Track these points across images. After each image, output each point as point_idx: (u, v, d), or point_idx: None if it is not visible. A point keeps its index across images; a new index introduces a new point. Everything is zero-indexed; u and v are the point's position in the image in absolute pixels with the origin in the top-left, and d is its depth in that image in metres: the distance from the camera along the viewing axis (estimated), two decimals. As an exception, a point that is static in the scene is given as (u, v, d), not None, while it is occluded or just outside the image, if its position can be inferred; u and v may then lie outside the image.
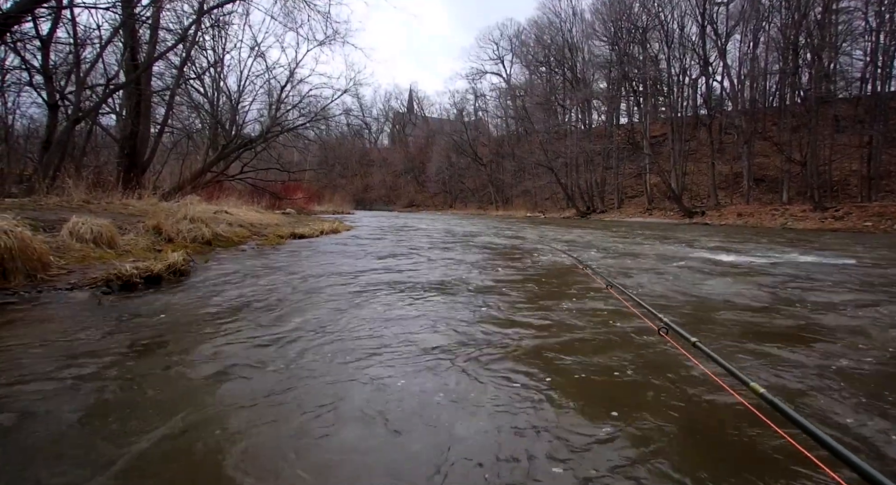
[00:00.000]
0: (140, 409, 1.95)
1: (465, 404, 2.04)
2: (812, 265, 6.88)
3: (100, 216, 6.30)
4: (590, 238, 12.03)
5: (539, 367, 2.54)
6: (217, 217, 9.62)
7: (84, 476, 1.47)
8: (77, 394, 2.08)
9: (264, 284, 4.83)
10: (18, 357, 2.52)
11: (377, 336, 3.06)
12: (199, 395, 2.13)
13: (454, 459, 1.59)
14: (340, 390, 2.18)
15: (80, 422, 1.83)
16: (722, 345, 2.87)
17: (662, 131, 34.57)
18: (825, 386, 2.26)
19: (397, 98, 74.89)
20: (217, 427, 1.81)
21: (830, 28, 23.55)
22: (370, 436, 1.75)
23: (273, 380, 2.30)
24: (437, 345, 2.87)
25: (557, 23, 42.93)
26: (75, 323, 3.21)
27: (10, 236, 4.14)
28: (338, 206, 37.68)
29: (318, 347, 2.80)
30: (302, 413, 1.93)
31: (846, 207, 20.30)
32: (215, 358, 2.59)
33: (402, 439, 1.73)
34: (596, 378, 2.38)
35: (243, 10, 17.32)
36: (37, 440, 1.68)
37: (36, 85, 11.28)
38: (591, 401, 2.11)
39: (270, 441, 1.70)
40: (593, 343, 2.95)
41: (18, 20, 8.73)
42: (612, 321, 3.45)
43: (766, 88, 30.80)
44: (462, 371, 2.44)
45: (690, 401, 2.07)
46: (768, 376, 2.36)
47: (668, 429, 1.82)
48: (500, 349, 2.82)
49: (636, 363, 2.56)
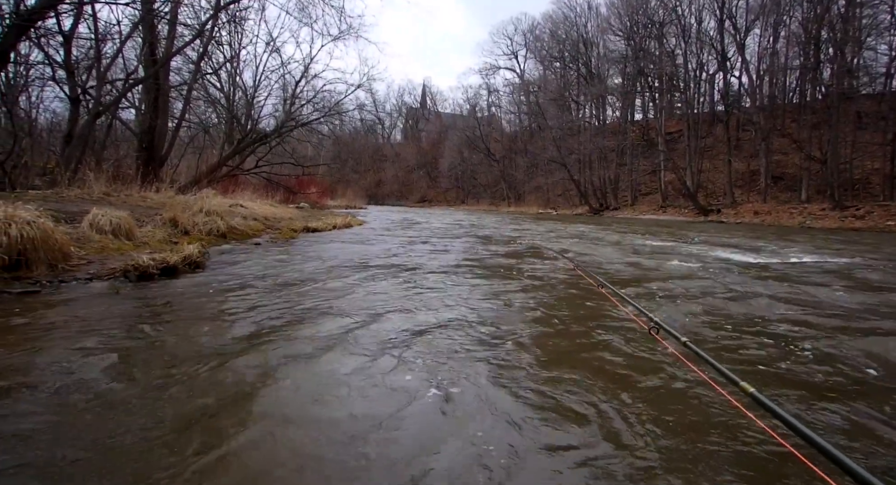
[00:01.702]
0: (185, 383, 2.04)
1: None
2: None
3: (119, 209, 6.46)
4: (601, 235, 11.99)
5: (525, 357, 2.59)
6: (232, 210, 9.78)
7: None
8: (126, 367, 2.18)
9: (277, 275, 4.92)
10: (55, 339, 2.63)
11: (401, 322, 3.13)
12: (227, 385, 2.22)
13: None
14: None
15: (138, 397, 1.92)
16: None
17: (678, 128, 34.12)
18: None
19: (410, 93, 75.12)
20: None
21: (854, 22, 22.96)
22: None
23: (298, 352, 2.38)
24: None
25: (572, 17, 42.68)
26: (95, 312, 3.32)
27: (33, 227, 4.27)
28: (350, 200, 37.89)
29: (344, 333, 2.88)
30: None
31: (867, 206, 19.89)
32: (228, 340, 2.69)
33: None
34: (583, 371, 2.39)
35: (259, 5, 17.58)
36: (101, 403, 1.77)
37: (58, 80, 11.56)
38: (574, 394, 2.12)
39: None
40: (581, 340, 2.95)
41: (42, 16, 8.95)
42: (604, 320, 3.41)
43: (785, 84, 30.18)
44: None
45: (680, 399, 2.05)
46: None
47: (655, 426, 1.81)
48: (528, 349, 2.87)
49: (627, 361, 2.54)
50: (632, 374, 2.37)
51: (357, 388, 2.13)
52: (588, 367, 2.47)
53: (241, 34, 19.33)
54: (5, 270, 3.98)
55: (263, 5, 17.92)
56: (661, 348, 2.41)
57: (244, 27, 18.62)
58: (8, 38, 8.22)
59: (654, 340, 1.89)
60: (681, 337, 1.61)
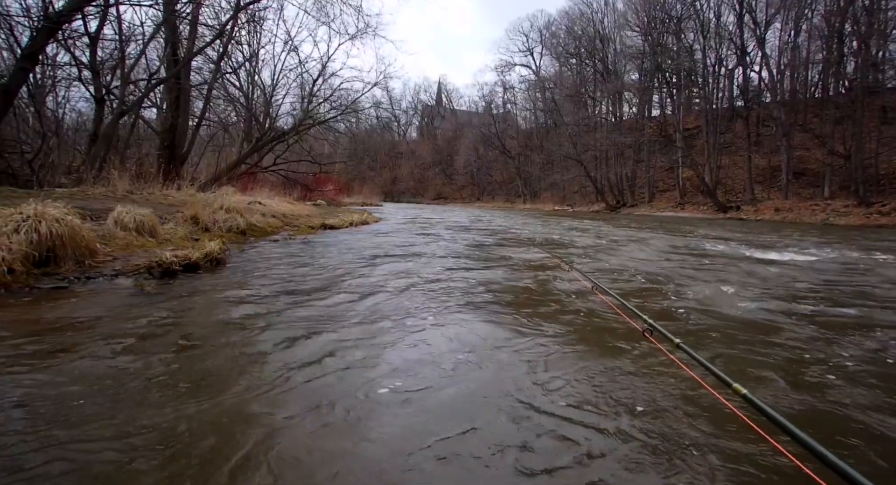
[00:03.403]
0: (208, 376, 2.14)
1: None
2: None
3: (142, 206, 6.63)
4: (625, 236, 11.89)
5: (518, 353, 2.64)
6: (251, 208, 9.96)
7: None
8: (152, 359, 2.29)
9: (296, 272, 5.03)
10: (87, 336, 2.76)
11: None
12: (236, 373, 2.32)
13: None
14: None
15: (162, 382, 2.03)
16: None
17: (696, 124, 33.59)
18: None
19: (426, 91, 75.21)
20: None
21: (879, 14, 22.36)
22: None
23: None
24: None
25: (589, 13, 42.24)
26: (122, 308, 3.46)
27: (61, 224, 4.43)
28: (367, 198, 38.12)
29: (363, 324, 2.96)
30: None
31: (894, 202, 19.41)
32: (252, 334, 2.79)
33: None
34: (575, 372, 2.41)
35: (278, 5, 17.77)
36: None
37: (84, 80, 11.86)
38: (564, 396, 2.14)
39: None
40: (576, 340, 2.95)
41: (70, 18, 9.21)
42: (598, 322, 3.38)
43: (807, 79, 29.49)
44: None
45: (672, 400, 2.05)
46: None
47: (647, 427, 1.82)
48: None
49: (621, 362, 2.54)
50: (625, 374, 2.37)
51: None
52: (581, 367, 2.48)
53: (259, 34, 19.60)
54: (35, 265, 4.15)
55: (282, 5, 18.12)
56: (655, 350, 2.40)
57: (263, 27, 18.87)
58: (37, 40, 8.48)
59: (648, 341, 1.88)
60: (674, 339, 1.60)
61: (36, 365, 2.28)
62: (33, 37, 8.54)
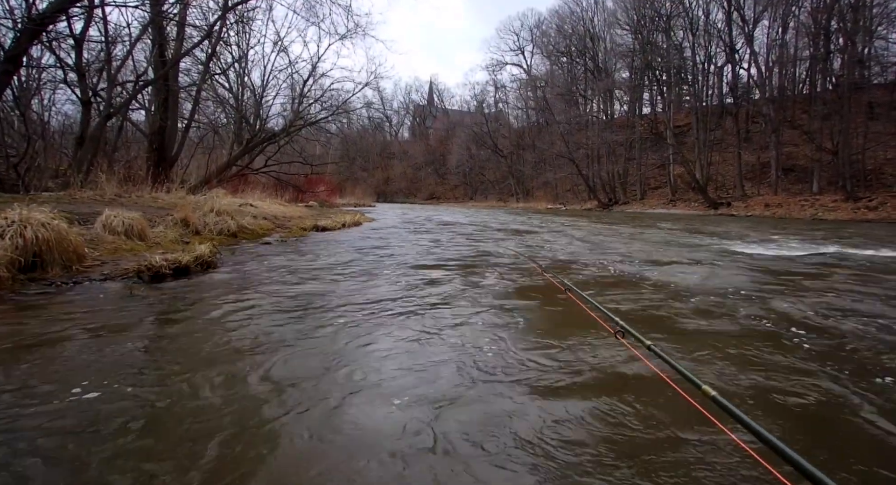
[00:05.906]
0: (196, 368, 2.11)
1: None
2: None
3: (131, 209, 6.55)
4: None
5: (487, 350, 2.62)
6: (242, 210, 9.88)
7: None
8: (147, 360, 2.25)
9: (286, 276, 4.98)
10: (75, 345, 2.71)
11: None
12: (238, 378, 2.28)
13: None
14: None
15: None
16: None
17: (686, 121, 33.82)
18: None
19: (418, 91, 75.04)
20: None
21: (865, 11, 22.65)
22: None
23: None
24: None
25: (579, 12, 42.48)
26: (112, 311, 3.40)
27: (47, 229, 4.36)
28: (359, 198, 38.04)
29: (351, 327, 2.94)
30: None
31: (881, 196, 19.65)
32: (244, 336, 2.75)
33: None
34: (547, 373, 2.39)
35: (266, 5, 17.69)
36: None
37: (70, 82, 11.73)
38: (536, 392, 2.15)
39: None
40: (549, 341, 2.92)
41: (54, 20, 9.07)
42: (570, 325, 3.29)
43: (795, 75, 29.80)
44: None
45: (641, 401, 2.04)
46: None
47: (616, 427, 1.82)
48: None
49: (590, 364, 2.52)
50: (596, 376, 2.36)
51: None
52: (553, 367, 2.46)
53: (248, 34, 19.49)
54: (21, 271, 4.08)
55: (271, 5, 18.03)
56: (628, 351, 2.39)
57: (252, 27, 18.77)
58: (21, 41, 8.36)
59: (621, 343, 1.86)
60: (645, 340, 1.60)
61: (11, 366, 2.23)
62: (16, 38, 8.42)
